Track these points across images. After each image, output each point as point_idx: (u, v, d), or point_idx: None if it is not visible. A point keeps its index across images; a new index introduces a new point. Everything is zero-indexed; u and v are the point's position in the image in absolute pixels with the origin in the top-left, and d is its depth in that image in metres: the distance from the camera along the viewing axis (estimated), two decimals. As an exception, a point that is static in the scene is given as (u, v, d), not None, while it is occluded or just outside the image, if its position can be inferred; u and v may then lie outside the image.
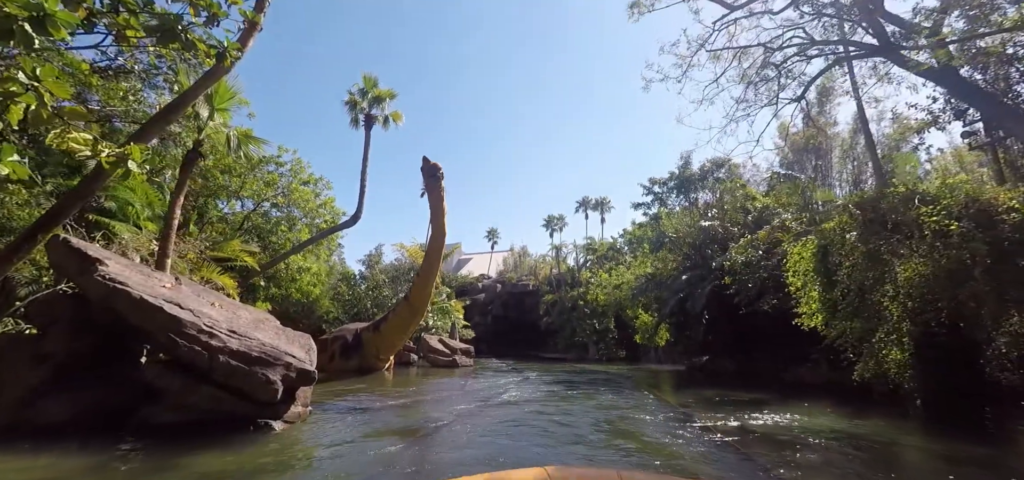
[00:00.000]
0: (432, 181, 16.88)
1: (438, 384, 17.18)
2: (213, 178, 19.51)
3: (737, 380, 17.97)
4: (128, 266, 8.12)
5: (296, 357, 7.72)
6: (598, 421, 9.29)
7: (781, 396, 13.71)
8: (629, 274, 27.97)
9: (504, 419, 9.18)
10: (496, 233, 70.87)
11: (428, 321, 34.58)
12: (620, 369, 25.73)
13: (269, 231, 21.74)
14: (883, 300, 9.46)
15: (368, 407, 9.91)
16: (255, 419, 7.16)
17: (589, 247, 47.14)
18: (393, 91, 23.01)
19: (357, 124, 23.00)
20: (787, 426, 9.19)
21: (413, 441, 7.18)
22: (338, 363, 20.61)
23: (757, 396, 13.58)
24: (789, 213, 20.82)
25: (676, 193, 23.97)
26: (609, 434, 8.04)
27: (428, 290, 19.68)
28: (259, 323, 8.57)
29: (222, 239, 18.19)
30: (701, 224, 20.83)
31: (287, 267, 21.61)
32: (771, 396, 13.58)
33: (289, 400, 7.69)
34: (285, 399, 7.62)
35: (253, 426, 7.08)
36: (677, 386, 17.84)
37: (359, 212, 21.42)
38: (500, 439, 7.37)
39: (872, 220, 8.80)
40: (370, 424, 8.17)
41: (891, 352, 10.09)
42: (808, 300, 11.36)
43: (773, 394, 13.96)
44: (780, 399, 13.14)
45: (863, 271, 8.98)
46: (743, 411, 10.96)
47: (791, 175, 18.23)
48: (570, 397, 12.91)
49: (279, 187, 21.35)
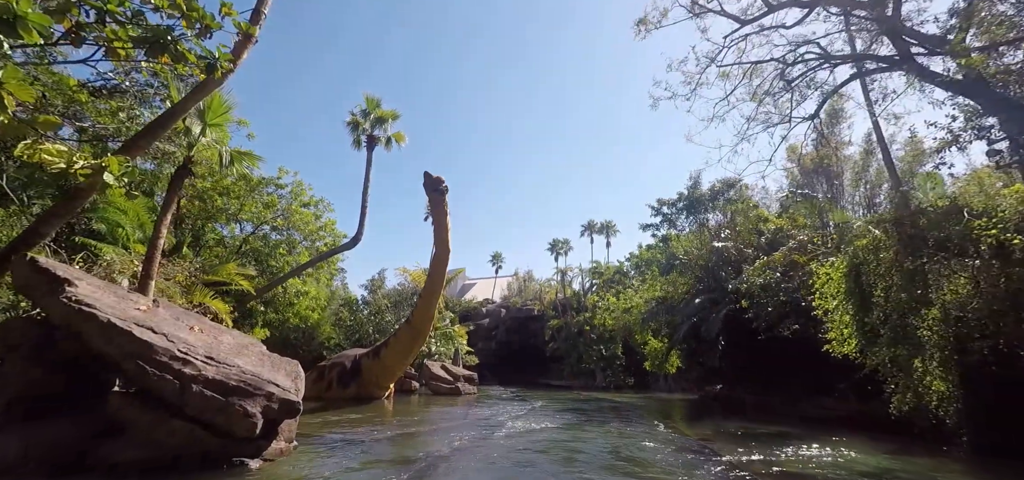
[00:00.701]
0: (435, 195, 16.37)
1: (439, 413, 16.29)
2: (211, 200, 19.07)
3: (755, 411, 16.95)
4: (101, 287, 7.50)
5: (279, 386, 6.99)
6: (613, 456, 8.45)
7: (806, 429, 12.75)
8: (638, 298, 27.10)
9: (508, 453, 8.37)
10: (501, 257, 70.27)
11: (430, 347, 33.69)
12: (629, 398, 24.64)
13: (268, 254, 21.19)
14: (924, 325, 8.66)
15: (361, 440, 9.10)
16: (230, 457, 6.40)
17: (595, 271, 46.28)
18: (396, 112, 22.76)
19: (359, 145, 22.67)
20: (822, 463, 8.30)
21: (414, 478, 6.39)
22: (335, 391, 19.77)
23: (780, 428, 12.63)
24: (804, 234, 20.08)
25: (685, 214, 23.29)
26: (627, 475, 7.20)
27: (431, 311, 18.95)
28: (243, 349, 7.88)
29: (218, 262, 17.61)
30: (714, 244, 20.08)
31: (284, 291, 20.97)
32: (795, 429, 12.63)
33: (270, 434, 6.94)
34: (266, 433, 6.87)
35: (227, 465, 6.32)
36: (692, 417, 16.83)
37: (360, 234, 20.88)
38: (504, 475, 6.58)
39: (912, 236, 8.07)
40: (359, 460, 7.38)
41: (934, 383, 9.21)
42: (839, 325, 10.51)
43: (797, 427, 13.00)
44: (806, 432, 12.18)
45: (901, 293, 8.20)
46: (769, 445, 10.06)
47: (808, 194, 17.53)
48: (580, 428, 12.02)
49: (278, 209, 20.88)
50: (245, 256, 20.26)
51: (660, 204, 24.70)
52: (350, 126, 22.21)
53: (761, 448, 9.77)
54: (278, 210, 20.87)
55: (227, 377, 6.55)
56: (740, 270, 20.24)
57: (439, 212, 16.74)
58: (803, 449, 9.54)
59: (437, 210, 16.68)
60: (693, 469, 7.55)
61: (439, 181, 16.28)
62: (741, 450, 9.43)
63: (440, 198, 16.37)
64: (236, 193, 19.10)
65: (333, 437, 9.38)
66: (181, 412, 6.28)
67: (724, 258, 19.85)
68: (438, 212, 16.77)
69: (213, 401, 6.26)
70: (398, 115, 22.85)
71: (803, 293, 15.43)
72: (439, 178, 16.29)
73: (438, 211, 16.71)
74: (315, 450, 7.94)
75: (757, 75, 17.17)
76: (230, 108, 10.98)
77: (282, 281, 19.96)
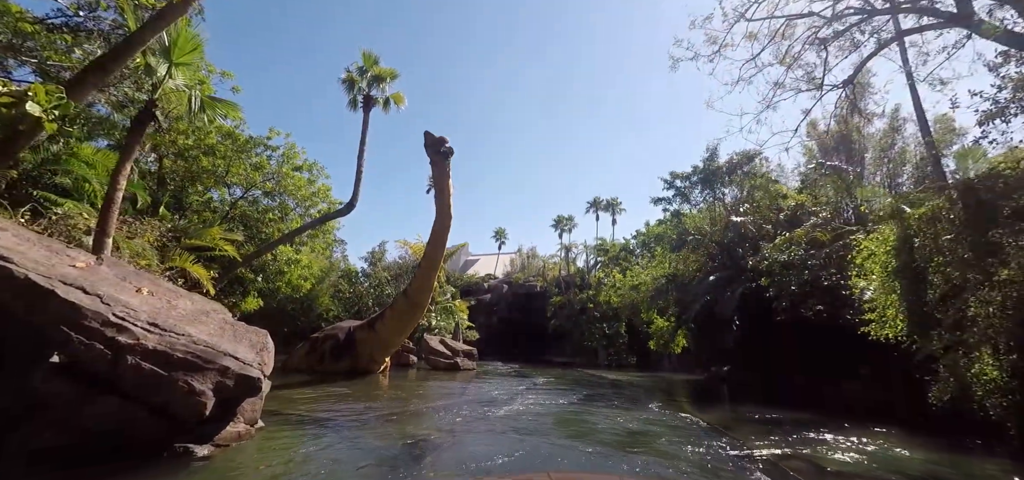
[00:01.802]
0: (437, 157, 15.16)
1: (435, 389, 15.39)
2: (196, 161, 17.92)
3: (768, 396, 15.98)
4: (32, 241, 6.40)
5: (239, 359, 5.94)
6: (627, 444, 7.43)
7: (831, 417, 11.73)
8: (645, 275, 26.00)
9: (505, 437, 7.36)
10: (504, 234, 69.32)
11: (430, 321, 32.93)
12: (632, 377, 23.74)
13: (258, 220, 20.09)
14: (980, 305, 7.52)
15: (339, 421, 8.11)
16: (174, 442, 5.38)
17: (600, 248, 45.16)
18: (395, 71, 21.34)
19: (355, 106, 21.33)
20: (865, 459, 7.26)
21: (381, 473, 5.36)
22: (328, 364, 18.90)
23: (803, 416, 11.60)
24: (827, 210, 18.77)
25: (701, 187, 21.95)
26: (647, 469, 6.16)
27: (430, 281, 17.92)
28: (201, 316, 6.81)
29: (202, 226, 16.55)
30: (732, 219, 18.83)
31: (275, 258, 19.94)
32: (819, 417, 11.61)
33: (227, 416, 5.92)
34: (221, 414, 5.85)
35: (169, 453, 5.31)
36: (702, 400, 15.86)
37: (354, 200, 19.72)
38: (499, 465, 5.58)
39: (983, 204, 6.85)
40: (333, 446, 6.37)
41: (985, 370, 8.13)
42: (884, 304, 9.33)
43: (820, 415, 11.98)
44: (832, 421, 11.16)
45: (967, 270, 7.02)
46: (795, 435, 9.03)
47: (837, 167, 16.20)
48: (585, 411, 11.03)
49: (269, 172, 19.68)
50: (233, 221, 19.18)
51: (673, 177, 23.35)
52: (345, 84, 20.83)
53: (788, 438, 8.75)
54: (268, 173, 19.67)
55: (172, 347, 5.48)
56: (758, 248, 19.05)
57: (441, 176, 15.56)
58: (837, 441, 8.51)
59: (439, 173, 15.50)
60: (722, 465, 6.52)
61: (442, 141, 15.03)
62: (768, 441, 8.42)
63: (442, 160, 15.17)
64: (222, 153, 17.91)
65: (310, 417, 8.40)
66: (115, 388, 5.24)
67: (741, 234, 18.63)
68: (440, 176, 15.58)
69: (152, 376, 5.20)
70: (397, 74, 21.45)
71: (831, 271, 14.28)
72: (442, 138, 15.04)
73: (440, 174, 15.53)
74: (283, 434, 6.93)
75: (787, 36, 15.74)
76: (200, 45, 9.68)
77: (271, 248, 18.92)
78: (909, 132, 20.93)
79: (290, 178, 20.52)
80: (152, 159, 17.34)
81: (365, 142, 20.52)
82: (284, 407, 9.33)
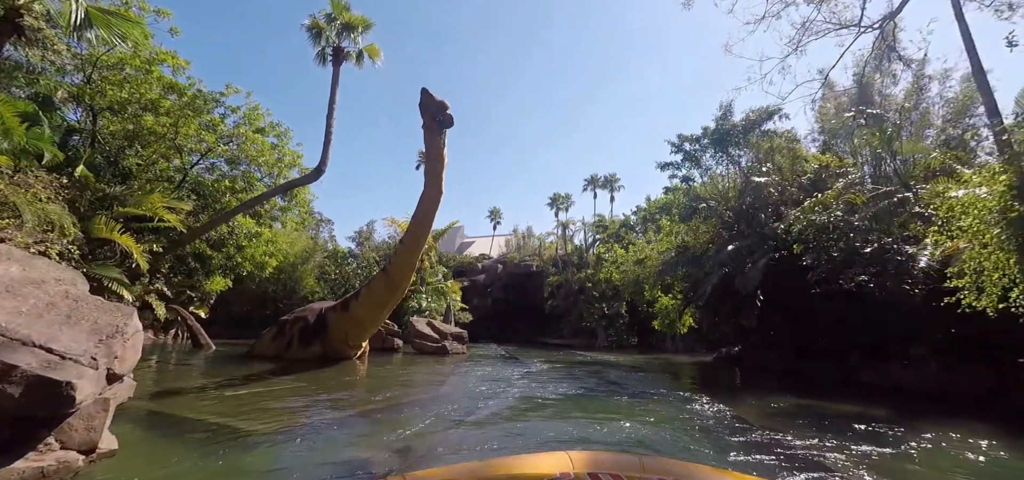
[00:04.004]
0: (431, 123, 12.80)
1: (413, 379, 13.29)
2: (136, 119, 15.45)
3: (794, 380, 13.98)
4: None
5: (48, 351, 3.71)
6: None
7: (885, 406, 9.69)
8: (651, 249, 23.87)
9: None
10: (499, 214, 67.00)
11: (421, 302, 30.90)
12: (635, 359, 21.75)
13: (213, 190, 17.67)
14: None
15: (256, 432, 5.95)
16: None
17: (599, 224, 42.99)
18: (368, 19, 18.73)
19: (324, 60, 18.80)
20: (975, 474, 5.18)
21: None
22: (296, 351, 16.71)
23: (851, 406, 9.53)
24: (857, 172, 16.58)
25: (714, 149, 19.66)
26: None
27: (412, 259, 15.76)
28: (25, 286, 4.55)
29: (141, 193, 14.17)
30: (753, 180, 16.61)
31: (231, 232, 17.58)
32: (869, 406, 9.55)
33: (22, 441, 3.69)
34: (22, 436, 3.64)
35: None
36: (718, 386, 13.80)
37: (323, 165, 17.33)
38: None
39: None
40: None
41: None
42: (990, 269, 7.13)
43: (867, 403, 9.94)
44: (890, 411, 9.13)
45: None
46: (855, 433, 6.98)
47: (878, 115, 13.95)
48: (591, 404, 8.91)
49: (224, 134, 17.20)
50: (183, 189, 16.77)
51: (681, 140, 21.01)
52: (311, 34, 18.25)
53: (846, 437, 6.68)
54: (224, 135, 17.19)
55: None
56: (780, 214, 16.89)
57: (433, 145, 13.27)
58: (918, 444, 6.44)
59: (431, 142, 13.20)
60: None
61: (442, 107, 12.60)
62: (828, 444, 6.34)
63: (437, 129, 12.86)
64: (165, 109, 15.43)
65: (219, 425, 6.21)
66: None
67: (763, 199, 16.44)
68: (432, 145, 13.29)
69: None
70: (371, 23, 18.86)
71: (876, 234, 12.14)
72: (442, 103, 12.60)
73: (432, 144, 13.25)
74: (140, 457, 4.74)
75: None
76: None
77: (225, 219, 16.55)
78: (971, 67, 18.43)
79: (251, 142, 18.03)
80: (82, 114, 14.92)
81: (335, 100, 18.05)
82: (196, 409, 7.14)
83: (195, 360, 15.83)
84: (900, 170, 14.99)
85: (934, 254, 10.61)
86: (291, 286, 34.20)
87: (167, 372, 12.90)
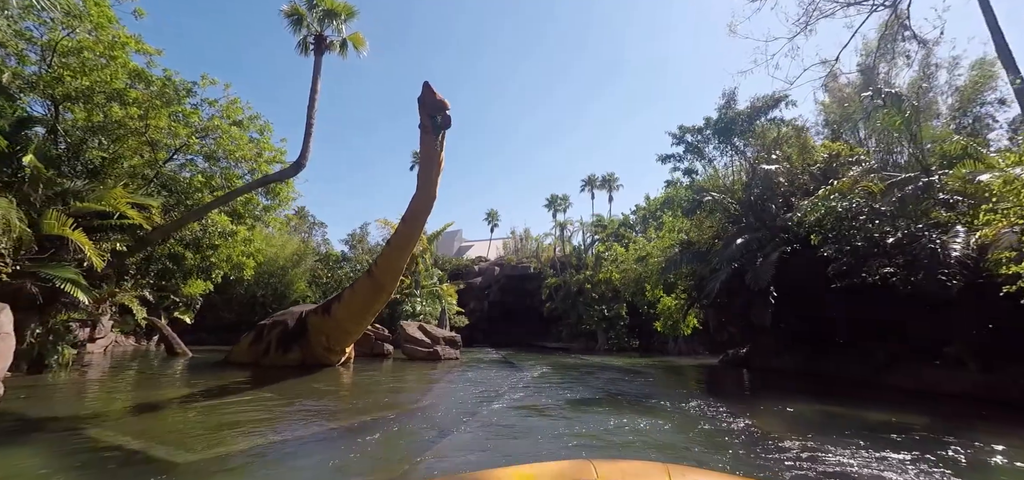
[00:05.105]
0: (430, 123, 11.71)
1: (395, 388, 12.16)
2: (102, 109, 14.37)
3: (809, 382, 12.89)
4: None
5: None
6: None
7: (917, 411, 8.64)
8: (652, 246, 22.80)
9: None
10: (496, 216, 65.89)
11: (415, 306, 29.88)
12: (637, 362, 20.62)
13: (187, 186, 16.54)
14: None
15: (175, 462, 4.85)
16: None
17: (598, 224, 41.95)
18: (351, 7, 17.71)
19: (306, 49, 17.76)
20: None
21: None
22: (274, 357, 15.61)
23: (880, 414, 8.41)
24: (871, 159, 15.54)
25: (717, 139, 18.63)
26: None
27: (399, 262, 14.74)
28: None
29: (103, 188, 13.07)
30: (763, 168, 15.56)
31: (204, 230, 16.44)
32: (901, 412, 8.47)
33: None
34: None
35: None
36: (731, 390, 12.69)
37: (303, 159, 16.24)
38: None
39: None
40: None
41: None
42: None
43: (900, 409, 8.84)
44: (928, 417, 8.08)
45: None
46: (889, 442, 5.92)
47: (895, 96, 12.93)
48: (594, 418, 7.81)
49: (198, 127, 16.09)
50: (151, 185, 15.64)
51: (683, 131, 19.99)
52: (291, 20, 17.21)
53: (885, 449, 5.63)
54: (198, 127, 16.09)
55: None
56: (790, 204, 15.85)
57: (429, 146, 12.22)
58: (973, 458, 5.37)
59: (427, 142, 12.12)
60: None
61: (441, 106, 11.47)
62: (865, 456, 5.28)
63: (436, 130, 11.78)
64: (132, 97, 14.35)
65: (121, 451, 5.11)
66: None
67: (772, 189, 15.41)
68: (428, 146, 12.23)
69: None
70: (354, 10, 17.83)
71: (903, 222, 11.08)
72: (443, 101, 11.47)
73: (428, 145, 12.18)
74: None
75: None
76: None
77: (196, 216, 15.38)
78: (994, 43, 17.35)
79: (228, 135, 16.91)
80: (50, 107, 13.85)
81: (317, 90, 16.99)
82: (123, 429, 6.04)
83: (165, 369, 14.72)
84: (919, 155, 13.99)
85: (970, 242, 9.58)
86: (281, 290, 33.04)
87: (124, 382, 11.79)
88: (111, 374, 13.15)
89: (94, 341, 17.98)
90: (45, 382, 11.14)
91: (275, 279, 33.06)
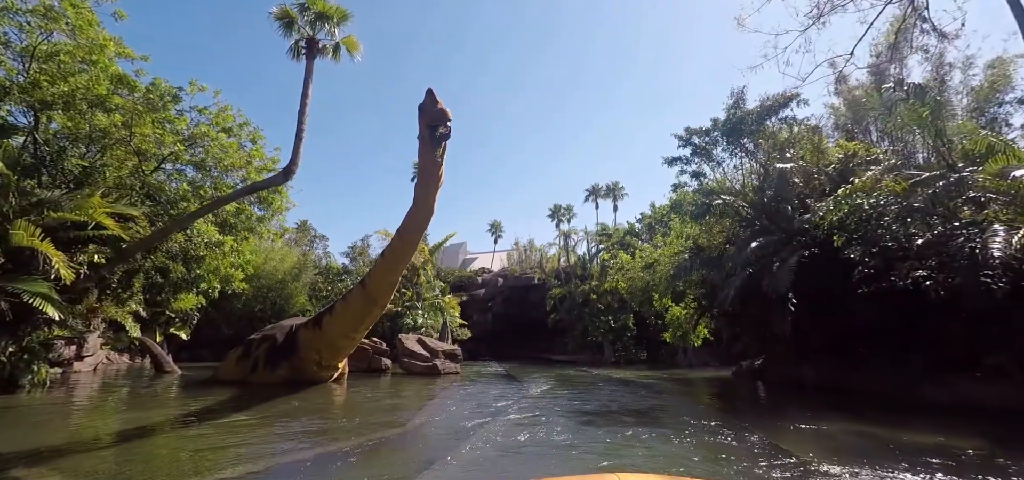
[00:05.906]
0: (429, 134, 11.08)
1: (391, 406, 11.32)
2: (85, 116, 13.82)
3: (833, 396, 11.91)
4: None
5: None
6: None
7: (963, 429, 7.72)
8: (659, 253, 21.91)
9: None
10: (500, 227, 65.23)
11: (416, 319, 29.07)
12: (646, 375, 19.64)
13: (176, 196, 15.89)
14: None
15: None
16: None
17: (602, 233, 41.07)
18: (344, 10, 17.14)
19: (297, 54, 17.18)
20: None
21: None
22: (262, 374, 14.81)
23: (921, 434, 7.47)
24: (890, 158, 14.68)
25: (726, 140, 17.83)
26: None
27: (393, 276, 14.05)
28: None
29: (81, 197, 12.43)
30: (777, 166, 14.72)
31: (190, 240, 15.74)
32: (946, 432, 7.51)
33: None
34: None
35: None
36: (748, 406, 11.74)
37: (293, 165, 15.55)
38: None
39: None
40: None
41: None
42: None
43: (942, 428, 7.90)
44: (977, 438, 7.14)
45: None
46: (942, 467, 5.01)
47: (919, 88, 12.12)
48: (603, 442, 6.94)
49: (185, 133, 15.50)
50: (134, 194, 15.01)
51: (689, 133, 19.21)
52: (282, 24, 16.67)
53: (936, 475, 4.72)
54: (185, 134, 15.49)
55: None
56: (806, 206, 14.98)
57: (428, 159, 11.62)
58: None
59: (426, 154, 11.52)
60: None
61: (442, 117, 10.88)
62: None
63: (436, 140, 11.15)
64: (115, 104, 13.77)
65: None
66: None
67: (787, 189, 14.55)
68: (427, 158, 11.65)
69: None
70: (347, 14, 17.26)
71: (936, 221, 10.20)
72: (444, 111, 10.88)
73: (427, 157, 11.59)
74: None
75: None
76: None
77: (179, 227, 14.68)
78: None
79: (217, 143, 16.30)
80: (25, 113, 13.32)
81: (308, 94, 16.36)
82: (72, 469, 5.25)
83: (149, 388, 13.97)
84: (944, 151, 13.12)
85: (1013, 241, 8.68)
86: (280, 304, 32.31)
87: (100, 404, 11.03)
88: (91, 395, 12.40)
89: (81, 359, 17.24)
90: (15, 403, 10.42)
91: (274, 293, 32.35)
